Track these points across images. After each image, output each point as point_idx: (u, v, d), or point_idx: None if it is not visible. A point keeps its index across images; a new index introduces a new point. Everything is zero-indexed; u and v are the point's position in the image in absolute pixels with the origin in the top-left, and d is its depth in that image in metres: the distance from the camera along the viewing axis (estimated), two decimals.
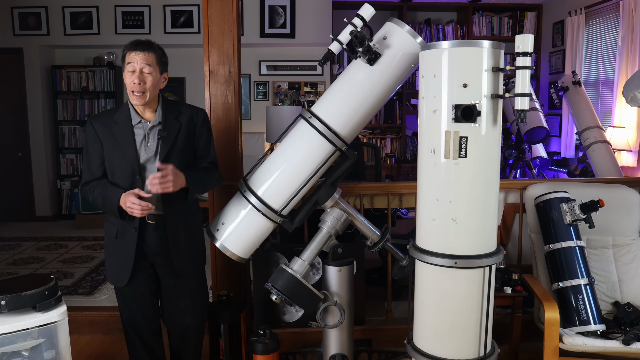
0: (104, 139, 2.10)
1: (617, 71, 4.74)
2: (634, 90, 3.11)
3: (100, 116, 2.17)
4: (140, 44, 2.03)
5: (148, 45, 2.04)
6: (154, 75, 2.05)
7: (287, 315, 2.82)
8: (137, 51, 2.01)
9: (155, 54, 2.05)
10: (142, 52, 2.01)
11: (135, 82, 2.00)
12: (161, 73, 2.09)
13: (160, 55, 2.09)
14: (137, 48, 2.02)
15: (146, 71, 2.02)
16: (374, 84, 1.94)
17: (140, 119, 2.10)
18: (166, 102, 2.18)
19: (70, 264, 4.41)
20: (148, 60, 2.02)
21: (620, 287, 2.59)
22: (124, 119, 2.10)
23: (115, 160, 2.09)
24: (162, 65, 2.09)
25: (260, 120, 5.99)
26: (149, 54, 2.03)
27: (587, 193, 2.61)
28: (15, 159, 6.01)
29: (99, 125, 2.11)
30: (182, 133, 2.13)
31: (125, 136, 2.08)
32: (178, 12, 5.72)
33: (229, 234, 2.11)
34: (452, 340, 1.76)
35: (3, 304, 1.83)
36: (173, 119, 2.13)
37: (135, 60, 2.01)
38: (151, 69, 2.03)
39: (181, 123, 2.14)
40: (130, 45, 2.04)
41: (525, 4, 6.34)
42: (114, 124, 2.10)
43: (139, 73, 2.01)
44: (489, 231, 1.72)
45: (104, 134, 2.10)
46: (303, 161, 2.02)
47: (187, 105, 2.25)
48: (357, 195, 2.92)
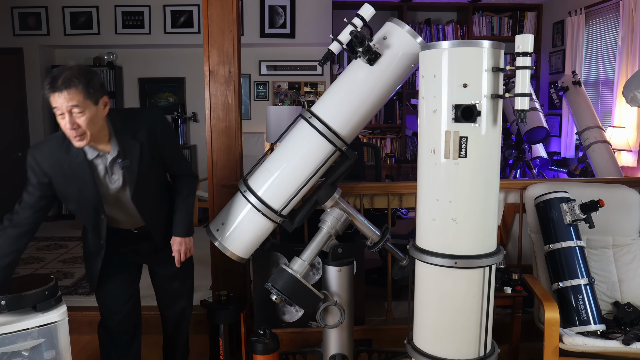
0: (55, 176, 1.87)
1: (617, 71, 4.74)
2: (634, 90, 3.11)
3: (45, 148, 1.89)
4: (60, 79, 1.70)
5: (67, 82, 1.70)
6: (87, 112, 1.75)
7: (287, 315, 2.82)
8: (57, 92, 1.70)
9: (77, 88, 1.71)
10: (63, 92, 1.70)
11: (67, 126, 1.74)
12: (96, 104, 1.78)
13: (86, 86, 1.73)
14: (57, 89, 1.70)
15: (76, 112, 1.73)
16: (374, 84, 1.94)
17: (97, 152, 1.88)
18: (117, 124, 1.91)
19: (70, 264, 4.41)
20: (72, 99, 1.71)
21: (620, 287, 2.59)
22: (77, 153, 1.85)
23: (73, 201, 1.94)
24: (92, 96, 1.76)
25: (260, 120, 5.99)
26: (71, 91, 1.70)
27: (587, 193, 2.61)
28: (15, 159, 6.00)
29: (45, 159, 1.86)
30: (145, 152, 1.93)
31: (82, 173, 1.86)
32: (178, 12, 5.72)
33: (228, 234, 2.11)
34: (452, 340, 1.76)
35: (3, 304, 1.83)
36: (130, 140, 1.91)
37: (59, 104, 1.71)
38: (80, 107, 1.73)
39: (141, 141, 1.92)
40: (48, 86, 1.72)
41: (525, 4, 6.34)
42: (65, 158, 1.85)
43: (69, 116, 1.73)
44: (489, 231, 1.72)
45: (53, 170, 1.86)
46: (303, 161, 2.02)
47: (140, 114, 2.01)
48: (357, 195, 2.92)
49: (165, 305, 2.36)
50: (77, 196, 1.92)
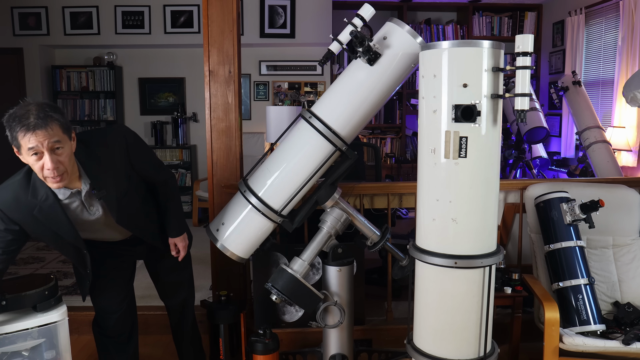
0: (24, 223, 1.75)
1: (617, 71, 4.74)
2: (634, 90, 3.11)
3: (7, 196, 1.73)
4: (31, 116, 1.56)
5: (45, 118, 1.57)
6: (66, 148, 1.64)
7: (287, 315, 2.82)
8: (36, 130, 1.56)
9: (57, 122, 1.60)
10: (44, 129, 1.57)
11: (49, 167, 1.60)
12: (70, 139, 1.69)
13: (63, 120, 1.64)
14: (33, 127, 1.55)
15: (58, 146, 1.61)
16: (374, 84, 1.94)
17: (70, 191, 1.77)
18: (82, 156, 1.77)
19: (70, 264, 4.39)
20: (54, 135, 1.59)
21: (620, 287, 2.59)
22: (45, 197, 1.72)
23: (50, 241, 1.87)
24: (68, 131, 1.67)
25: (260, 120, 5.99)
26: (51, 125, 1.58)
27: (587, 193, 2.61)
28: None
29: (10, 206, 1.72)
30: (119, 175, 1.84)
31: (55, 215, 1.74)
32: (178, 12, 5.72)
33: (229, 234, 2.11)
34: (452, 340, 1.76)
35: (3, 304, 1.83)
36: (99, 169, 1.79)
37: (37, 143, 1.57)
38: (61, 143, 1.62)
39: (111, 166, 1.82)
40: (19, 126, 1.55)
41: (525, 4, 6.34)
42: (34, 203, 1.72)
43: (49, 154, 1.60)
44: (489, 231, 1.72)
45: (22, 217, 1.73)
46: (303, 161, 2.02)
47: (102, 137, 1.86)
48: (357, 195, 2.92)
49: (166, 296, 2.38)
50: (53, 238, 1.82)
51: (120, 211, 1.88)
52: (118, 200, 1.85)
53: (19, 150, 1.65)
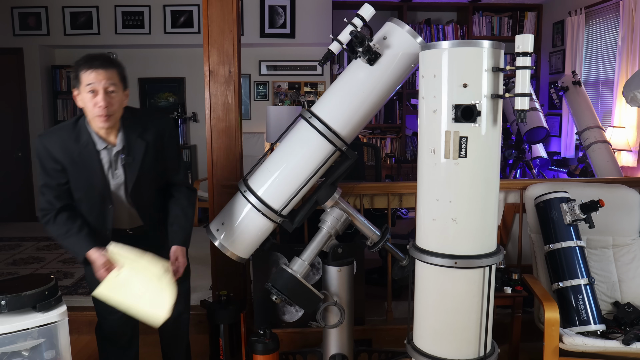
0: (64, 162, 1.88)
1: (617, 71, 4.74)
2: (634, 90, 3.11)
3: (54, 135, 1.92)
4: (98, 59, 1.81)
5: (109, 61, 1.83)
6: (118, 94, 1.85)
7: (287, 315, 2.82)
8: (99, 69, 1.79)
9: (117, 70, 1.85)
10: (105, 70, 1.79)
11: (101, 105, 1.79)
12: (125, 89, 1.90)
13: (122, 71, 1.88)
14: (98, 66, 1.79)
15: (111, 89, 1.81)
16: (374, 84, 1.94)
17: (106, 144, 1.91)
18: (127, 120, 1.95)
19: (70, 264, 4.41)
20: (112, 78, 1.81)
21: (620, 287, 2.59)
22: (86, 141, 1.88)
23: (80, 188, 1.94)
24: (124, 82, 1.89)
25: (260, 120, 5.99)
26: (113, 70, 1.82)
27: (587, 193, 2.61)
28: (15, 159, 6.01)
29: (55, 146, 1.88)
30: (149, 153, 1.96)
31: (92, 162, 1.88)
32: (178, 12, 5.72)
33: (228, 234, 2.11)
34: (452, 340, 1.76)
35: (3, 304, 1.83)
36: (136, 138, 1.94)
37: (96, 80, 1.78)
38: (116, 86, 1.83)
39: (147, 141, 1.95)
40: (88, 62, 1.80)
41: (525, 4, 6.34)
42: (74, 144, 1.88)
43: (103, 94, 1.80)
44: (489, 231, 1.72)
45: (63, 156, 1.88)
46: (303, 161, 2.02)
47: (150, 115, 2.07)
48: (357, 195, 2.92)
49: None
50: (86, 185, 1.92)
51: (136, 185, 1.96)
52: (138, 174, 1.95)
53: (78, 88, 1.82)
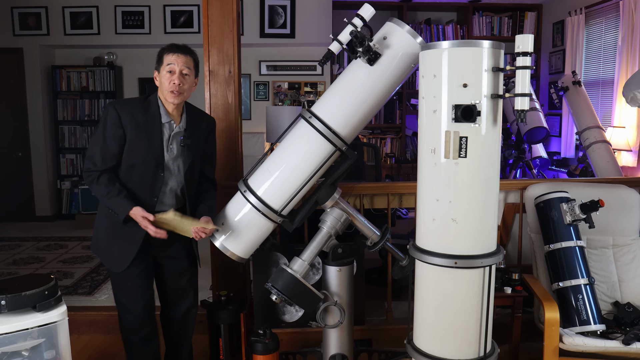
0: (129, 128, 2.08)
1: (617, 71, 4.74)
2: (634, 90, 3.11)
3: (125, 104, 2.16)
4: (181, 47, 2.14)
5: (188, 50, 2.15)
6: (192, 78, 2.14)
7: (287, 315, 2.82)
8: (179, 54, 2.10)
9: (193, 58, 2.16)
10: (184, 55, 2.11)
11: (175, 82, 2.07)
12: (196, 77, 2.18)
13: (197, 60, 2.19)
14: (179, 51, 2.11)
15: (186, 72, 2.10)
16: (374, 84, 1.94)
17: (170, 120, 2.14)
18: (189, 108, 2.23)
19: (70, 264, 4.41)
20: (188, 63, 2.12)
21: (620, 287, 2.59)
22: (154, 112, 2.12)
23: (139, 153, 2.09)
24: (197, 70, 2.19)
25: (260, 120, 5.99)
26: (189, 57, 2.13)
27: (587, 193, 2.61)
28: (15, 159, 6.01)
29: (124, 112, 2.08)
30: (201, 141, 2.21)
31: (155, 130, 2.10)
32: (178, 12, 5.72)
33: (228, 234, 2.11)
34: (452, 340, 1.76)
35: (3, 304, 1.83)
36: (195, 125, 2.19)
37: (176, 62, 2.09)
38: (190, 71, 2.12)
39: (202, 130, 2.21)
40: (171, 47, 2.14)
41: (525, 4, 6.34)
42: (142, 115, 2.10)
43: (179, 74, 2.08)
44: (489, 231, 1.72)
45: (130, 122, 2.08)
46: (303, 161, 2.02)
47: (202, 111, 2.33)
48: (357, 195, 2.92)
49: (172, 302, 2.33)
50: (144, 151, 2.09)
51: (190, 167, 2.16)
52: (193, 157, 2.17)
53: (159, 69, 2.12)
